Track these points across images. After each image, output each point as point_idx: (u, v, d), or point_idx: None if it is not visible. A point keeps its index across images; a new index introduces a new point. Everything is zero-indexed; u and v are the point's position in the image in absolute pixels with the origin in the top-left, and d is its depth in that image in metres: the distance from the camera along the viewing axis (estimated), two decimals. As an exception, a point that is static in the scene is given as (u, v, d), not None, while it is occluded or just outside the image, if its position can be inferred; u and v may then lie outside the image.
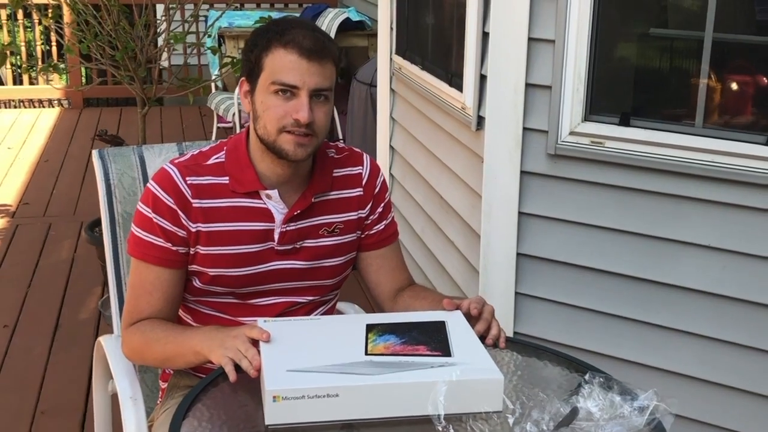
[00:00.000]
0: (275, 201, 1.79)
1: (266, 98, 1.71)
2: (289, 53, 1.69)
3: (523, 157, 2.49)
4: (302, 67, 1.68)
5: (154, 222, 1.76)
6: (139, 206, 1.79)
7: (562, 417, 1.41)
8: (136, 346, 1.79)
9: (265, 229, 1.80)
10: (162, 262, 1.77)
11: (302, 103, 1.69)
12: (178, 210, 1.75)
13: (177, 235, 1.76)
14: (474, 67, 2.62)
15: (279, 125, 1.71)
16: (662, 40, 2.44)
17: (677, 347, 2.36)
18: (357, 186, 1.90)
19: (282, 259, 1.82)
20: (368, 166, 1.92)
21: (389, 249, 1.95)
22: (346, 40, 6.18)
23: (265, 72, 1.71)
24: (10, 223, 5.06)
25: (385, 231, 1.94)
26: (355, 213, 1.89)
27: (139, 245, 1.78)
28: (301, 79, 1.69)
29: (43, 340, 3.64)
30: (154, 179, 1.79)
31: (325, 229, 1.85)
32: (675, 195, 2.29)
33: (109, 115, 7.67)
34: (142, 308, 1.79)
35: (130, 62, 3.84)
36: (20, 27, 7.85)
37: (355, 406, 1.43)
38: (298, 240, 1.82)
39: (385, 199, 1.94)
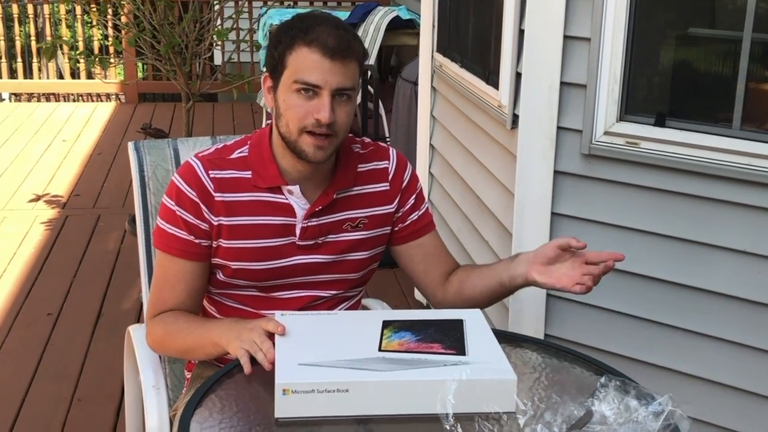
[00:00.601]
0: (297, 197, 1.80)
1: (288, 97, 1.71)
2: (312, 52, 1.68)
3: (557, 156, 2.46)
4: (325, 67, 1.68)
5: (177, 215, 1.78)
6: (164, 199, 1.82)
7: (575, 420, 1.39)
8: (159, 337, 1.82)
9: (287, 223, 1.81)
10: (185, 254, 1.80)
11: (324, 103, 1.69)
12: (200, 203, 1.77)
13: (199, 228, 1.78)
14: (510, 64, 2.60)
15: (300, 125, 1.71)
16: (700, 39, 2.39)
17: (709, 354, 2.31)
18: (383, 180, 1.89)
19: (304, 253, 1.83)
20: (394, 160, 1.92)
21: (428, 237, 1.95)
22: (395, 39, 6.18)
23: (288, 70, 1.71)
24: (60, 213, 5.17)
25: (420, 220, 1.93)
26: (380, 208, 1.89)
27: (163, 237, 1.81)
28: (323, 78, 1.68)
29: (85, 329, 3.71)
30: (178, 172, 1.82)
31: (349, 224, 1.85)
32: (710, 198, 2.24)
33: (162, 110, 7.79)
34: (165, 300, 1.81)
35: (176, 57, 3.89)
36: (78, 22, 8.01)
37: (364, 401, 1.43)
38: (320, 236, 1.83)
39: (416, 190, 1.94)
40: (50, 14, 8.39)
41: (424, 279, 1.96)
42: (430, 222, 1.97)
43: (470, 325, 1.62)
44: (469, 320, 1.63)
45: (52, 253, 4.55)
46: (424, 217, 1.94)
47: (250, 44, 4.37)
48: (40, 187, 5.64)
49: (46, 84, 8.42)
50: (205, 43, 4.10)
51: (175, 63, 3.91)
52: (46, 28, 8.61)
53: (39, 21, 8.65)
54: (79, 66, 8.19)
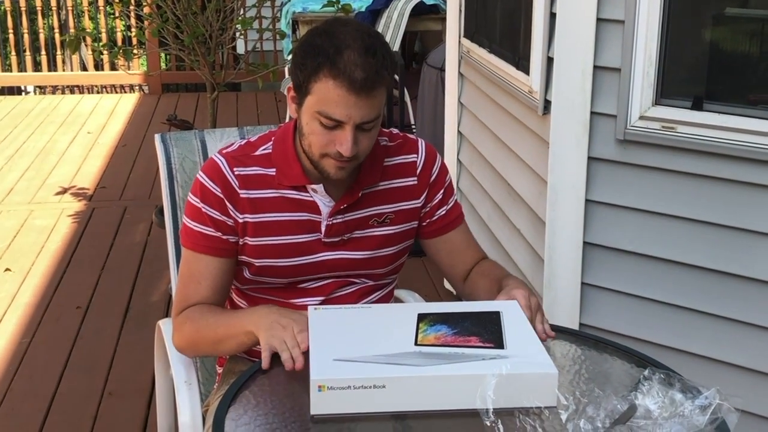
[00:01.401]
0: (321, 195, 1.77)
1: (311, 122, 1.66)
2: (338, 87, 1.58)
3: (590, 142, 2.41)
4: (350, 102, 1.60)
5: (203, 212, 1.76)
6: (189, 197, 1.80)
7: (618, 414, 1.35)
8: (187, 333, 1.78)
9: (312, 220, 1.78)
10: (211, 251, 1.77)
11: (347, 138, 1.63)
12: (225, 200, 1.75)
13: (226, 224, 1.76)
14: (541, 49, 2.55)
15: (322, 151, 1.67)
16: (738, 20, 2.32)
17: (751, 343, 2.25)
18: (411, 175, 1.85)
19: (330, 250, 1.80)
20: (423, 153, 1.87)
21: (456, 232, 1.91)
22: (420, 24, 6.13)
23: (311, 97, 1.63)
24: (87, 206, 5.18)
25: (448, 215, 1.90)
26: (408, 203, 1.85)
27: (190, 236, 1.79)
28: (347, 114, 1.61)
29: (114, 321, 3.71)
30: (202, 170, 1.80)
31: (375, 219, 1.82)
32: (750, 183, 2.18)
33: (186, 100, 7.79)
34: (189, 296, 1.79)
35: (200, 47, 3.86)
36: (101, 14, 8.02)
37: (401, 397, 1.40)
38: (346, 232, 1.80)
39: (444, 183, 1.89)
40: (73, 6, 8.40)
41: (450, 272, 1.95)
42: (458, 216, 1.93)
43: (507, 317, 1.58)
44: (506, 312, 1.60)
45: (79, 246, 4.56)
46: (451, 212, 1.90)
47: (273, 33, 4.32)
48: (67, 180, 5.65)
49: (70, 76, 8.45)
50: (229, 32, 4.07)
51: (200, 53, 3.88)
52: (69, 21, 8.62)
53: (62, 13, 8.67)
54: (103, 58, 8.20)
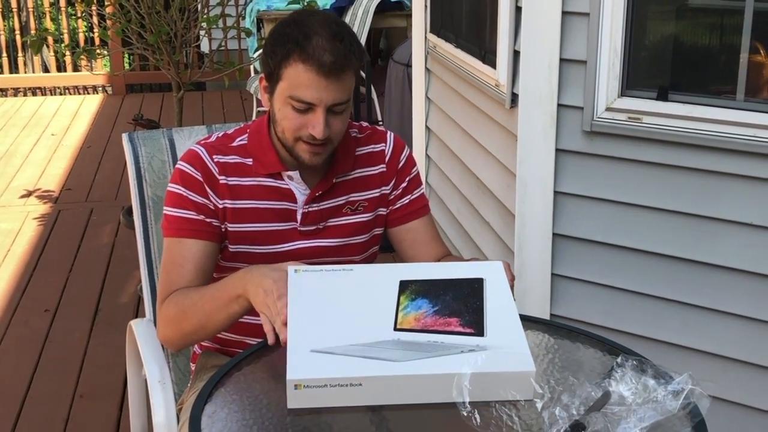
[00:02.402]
0: (297, 182, 1.80)
1: (283, 108, 1.70)
2: (308, 70, 1.64)
3: (558, 134, 2.44)
4: (320, 85, 1.65)
5: (184, 196, 1.77)
6: (170, 187, 1.80)
7: (593, 401, 1.36)
8: (172, 318, 1.74)
9: (288, 208, 1.80)
10: (194, 233, 1.76)
11: (318, 120, 1.67)
12: (205, 184, 1.77)
13: (207, 207, 1.77)
14: (507, 42, 2.56)
15: (295, 135, 1.71)
16: (701, 11, 2.36)
17: (719, 329, 2.29)
18: (380, 163, 1.89)
19: (306, 239, 1.82)
20: (391, 143, 1.91)
21: (419, 222, 1.92)
22: (384, 21, 6.13)
23: (283, 82, 1.68)
24: (52, 208, 5.12)
25: (411, 205, 1.91)
26: (377, 190, 1.88)
27: (172, 222, 1.78)
28: (318, 96, 1.66)
29: (83, 324, 3.67)
30: (181, 159, 1.81)
31: (348, 207, 1.85)
32: (715, 171, 2.22)
33: (151, 100, 7.73)
34: (173, 282, 1.76)
35: (165, 46, 3.83)
36: (63, 14, 7.92)
37: (378, 394, 1.40)
38: (321, 221, 1.82)
39: (411, 173, 1.92)
40: (34, 8, 8.30)
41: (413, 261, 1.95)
42: (422, 207, 1.95)
43: (491, 286, 1.56)
44: (489, 279, 1.58)
45: (46, 249, 4.51)
46: (416, 202, 1.93)
47: (237, 32, 4.31)
48: (31, 183, 5.58)
49: (32, 78, 8.33)
50: (195, 30, 4.05)
51: (165, 52, 3.85)
52: (30, 22, 8.52)
53: (23, 15, 8.56)
54: (65, 59, 8.11)
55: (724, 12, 2.29)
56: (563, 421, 1.32)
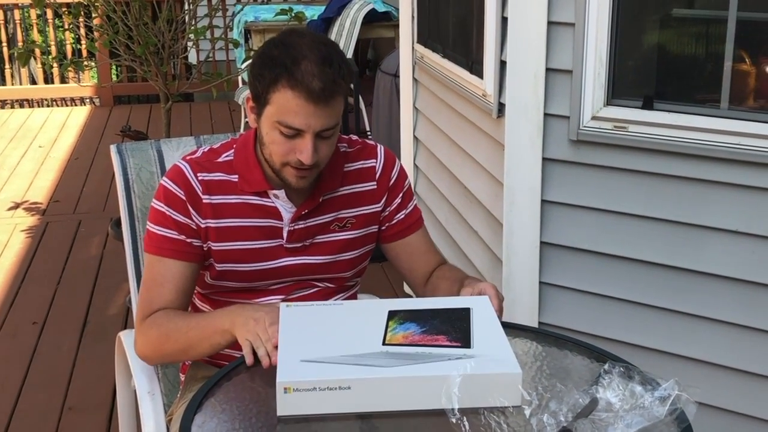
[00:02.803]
0: (283, 201, 1.79)
1: (271, 132, 1.68)
2: (296, 97, 1.61)
3: (545, 143, 2.45)
4: (308, 112, 1.63)
5: (167, 215, 1.77)
6: (153, 203, 1.80)
7: (580, 408, 1.37)
8: (154, 339, 1.76)
9: (274, 226, 1.79)
10: (175, 254, 1.77)
11: (306, 146, 1.65)
12: (188, 203, 1.76)
13: (189, 227, 1.77)
14: (493, 53, 2.58)
15: (283, 160, 1.70)
16: (685, 20, 2.38)
17: (706, 335, 2.30)
18: (370, 179, 1.87)
19: (292, 255, 1.81)
20: (382, 158, 1.89)
21: (416, 236, 1.93)
22: (372, 31, 6.15)
23: (270, 107, 1.66)
24: (40, 220, 5.11)
25: (407, 219, 1.92)
26: (368, 207, 1.87)
27: (154, 240, 1.78)
28: (306, 122, 1.64)
29: (72, 336, 3.66)
30: (166, 175, 1.80)
31: (336, 224, 1.83)
32: (701, 179, 2.23)
33: (138, 111, 7.73)
34: (153, 301, 1.77)
35: (153, 57, 3.84)
36: (50, 26, 7.92)
37: (367, 398, 1.41)
38: (308, 238, 1.81)
39: (403, 188, 1.91)
40: (21, 20, 8.29)
41: (410, 276, 1.96)
42: (417, 220, 1.95)
43: (477, 313, 1.59)
44: (476, 308, 1.61)
45: (34, 261, 4.50)
46: (410, 216, 1.93)
47: (225, 43, 4.32)
48: (19, 195, 5.57)
49: (19, 90, 8.32)
50: (183, 42, 4.06)
51: (153, 63, 3.86)
52: (17, 34, 8.51)
53: (9, 27, 8.54)
54: (53, 71, 8.09)
55: (708, 21, 2.32)
56: (551, 427, 1.33)
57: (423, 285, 1.93)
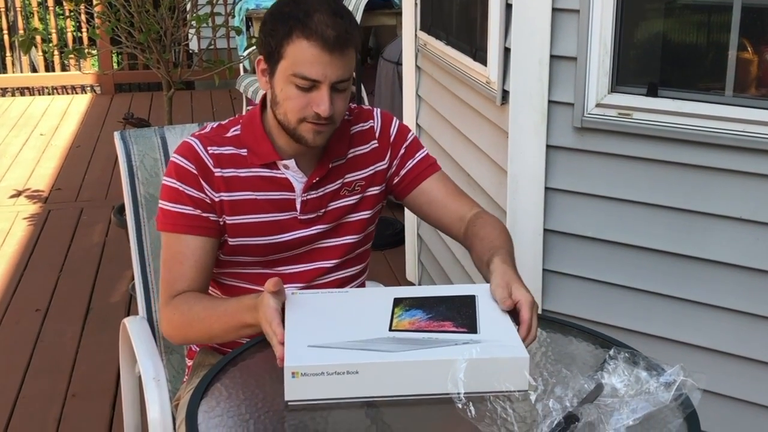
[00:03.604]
0: (293, 171, 1.79)
1: (286, 87, 1.69)
2: (312, 46, 1.63)
3: (549, 130, 2.44)
4: (324, 61, 1.64)
5: (180, 191, 1.76)
6: (165, 180, 1.79)
7: (586, 393, 1.38)
8: (177, 325, 1.74)
9: (287, 198, 1.80)
10: (191, 229, 1.75)
11: (323, 98, 1.67)
12: (200, 177, 1.76)
13: (204, 202, 1.76)
14: (498, 40, 2.57)
15: (300, 116, 1.70)
16: (690, 7, 2.37)
17: (710, 322, 2.30)
18: (371, 139, 1.89)
19: (307, 227, 1.81)
20: (379, 118, 1.91)
21: (430, 182, 1.90)
22: (374, 19, 6.12)
23: (285, 61, 1.67)
24: (42, 208, 5.11)
25: (416, 167, 1.91)
26: (372, 167, 1.88)
27: (168, 217, 1.77)
28: (323, 73, 1.65)
29: (75, 323, 3.67)
30: (176, 152, 1.80)
31: (346, 188, 1.84)
32: (706, 166, 2.23)
33: (140, 99, 7.72)
34: (175, 280, 1.75)
35: (155, 45, 3.83)
36: (51, 14, 7.90)
37: (374, 383, 1.41)
38: (321, 207, 1.82)
39: (406, 140, 1.92)
40: (22, 7, 8.27)
41: (441, 227, 1.92)
42: (429, 167, 1.92)
43: (482, 300, 1.59)
44: (481, 296, 1.61)
45: (36, 249, 4.50)
46: (420, 164, 1.91)
47: (226, 30, 4.31)
48: (21, 183, 5.57)
49: (20, 78, 8.31)
50: (185, 29, 4.05)
51: (155, 50, 3.85)
52: (17, 22, 8.48)
53: (10, 14, 8.52)
54: (54, 59, 8.08)
55: (713, 8, 2.31)
56: (557, 412, 1.33)
57: (461, 235, 1.86)
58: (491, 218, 1.86)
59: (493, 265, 1.62)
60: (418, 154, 1.92)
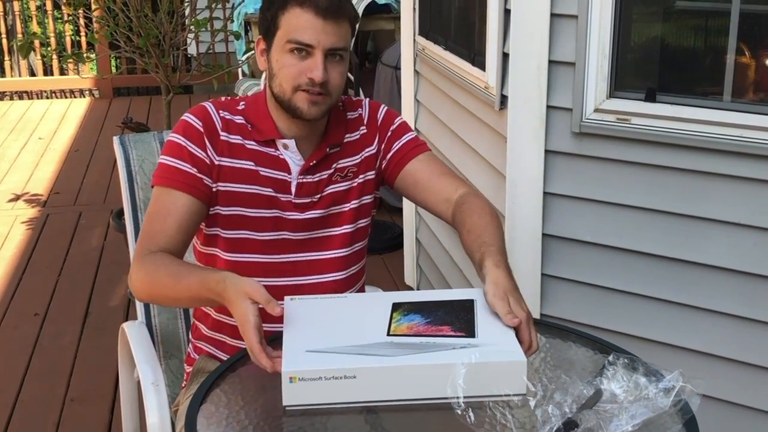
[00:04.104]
0: (292, 151, 1.82)
1: (281, 56, 1.74)
2: (305, 12, 1.70)
3: (547, 135, 2.45)
4: (317, 27, 1.70)
5: (182, 146, 1.79)
6: (170, 136, 1.82)
7: (585, 399, 1.38)
8: (142, 282, 1.70)
9: (283, 179, 1.82)
10: (184, 186, 1.76)
11: (317, 63, 1.71)
12: (205, 137, 1.79)
13: (203, 162, 1.78)
14: (496, 45, 2.58)
15: (294, 83, 1.74)
16: (688, 12, 2.38)
17: (708, 327, 2.31)
18: (360, 126, 1.92)
19: (300, 211, 1.83)
20: (366, 106, 1.95)
21: (416, 162, 1.90)
22: (372, 24, 6.13)
23: (281, 30, 1.73)
24: (41, 212, 5.11)
25: (401, 150, 1.92)
26: (361, 154, 1.90)
27: (164, 171, 1.78)
28: (316, 38, 1.71)
29: (74, 327, 3.67)
30: (188, 111, 1.84)
31: (338, 174, 1.87)
32: (703, 171, 2.23)
33: (138, 103, 7.73)
34: (154, 234, 1.74)
35: (154, 49, 3.84)
36: (49, 18, 7.90)
37: (372, 387, 1.41)
38: (316, 193, 1.84)
39: (393, 124, 1.94)
40: (20, 11, 8.27)
41: (430, 208, 1.90)
42: (415, 147, 1.91)
43: (481, 304, 1.59)
44: (480, 300, 1.61)
45: (35, 253, 4.50)
46: (406, 145, 1.92)
47: (225, 35, 4.32)
48: (19, 187, 5.57)
49: (18, 82, 8.31)
50: (183, 34, 4.05)
51: (154, 55, 3.85)
52: (16, 25, 8.48)
53: (8, 18, 8.52)
54: (52, 63, 8.08)
55: (711, 14, 2.32)
56: (556, 418, 1.33)
57: (449, 218, 1.84)
58: (477, 202, 1.82)
59: (486, 269, 1.60)
60: (405, 136, 1.93)
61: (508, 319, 1.50)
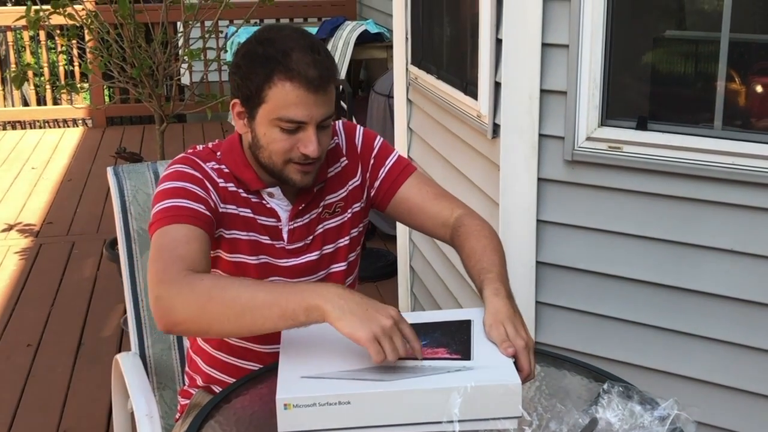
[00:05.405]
0: (278, 199, 1.77)
1: (270, 131, 1.65)
2: (296, 88, 1.60)
3: (540, 164, 2.46)
4: (309, 102, 1.62)
5: (181, 188, 1.65)
6: (163, 186, 1.68)
7: (580, 428, 1.38)
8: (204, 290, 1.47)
9: (275, 226, 1.78)
10: (194, 221, 1.61)
11: (311, 139, 1.64)
12: (206, 182, 1.70)
13: (208, 202, 1.67)
14: (488, 74, 2.60)
15: (285, 157, 1.67)
16: (678, 41, 2.40)
17: (702, 354, 2.31)
18: (340, 157, 1.86)
19: (295, 256, 1.80)
20: (342, 133, 1.88)
21: (407, 187, 1.86)
22: (364, 52, 6.18)
23: (267, 105, 1.63)
24: (33, 242, 5.10)
25: (390, 174, 1.87)
26: (347, 187, 1.85)
27: (168, 212, 1.61)
28: (308, 114, 1.63)
29: (66, 358, 3.65)
30: (172, 163, 1.73)
31: (326, 211, 1.83)
32: (695, 199, 2.25)
33: (131, 133, 7.73)
34: (182, 257, 1.54)
35: (148, 79, 3.85)
36: (43, 48, 7.93)
37: (367, 413, 1.41)
38: (309, 235, 1.80)
39: (374, 149, 1.88)
40: (14, 41, 8.29)
41: (428, 232, 1.88)
42: (403, 170, 1.87)
43: (478, 325, 1.59)
44: (477, 320, 1.61)
45: (28, 283, 4.49)
46: (393, 169, 1.87)
47: (218, 64, 4.35)
48: (12, 217, 5.56)
49: (11, 111, 8.31)
50: (177, 64, 4.07)
51: (148, 85, 3.87)
52: (9, 56, 8.50)
53: (2, 49, 8.55)
54: (46, 93, 8.09)
55: (701, 42, 2.34)
56: (552, 448, 1.33)
57: (449, 242, 1.82)
58: (473, 224, 1.80)
59: (485, 299, 1.60)
60: (388, 161, 1.88)
61: (504, 347, 1.50)
